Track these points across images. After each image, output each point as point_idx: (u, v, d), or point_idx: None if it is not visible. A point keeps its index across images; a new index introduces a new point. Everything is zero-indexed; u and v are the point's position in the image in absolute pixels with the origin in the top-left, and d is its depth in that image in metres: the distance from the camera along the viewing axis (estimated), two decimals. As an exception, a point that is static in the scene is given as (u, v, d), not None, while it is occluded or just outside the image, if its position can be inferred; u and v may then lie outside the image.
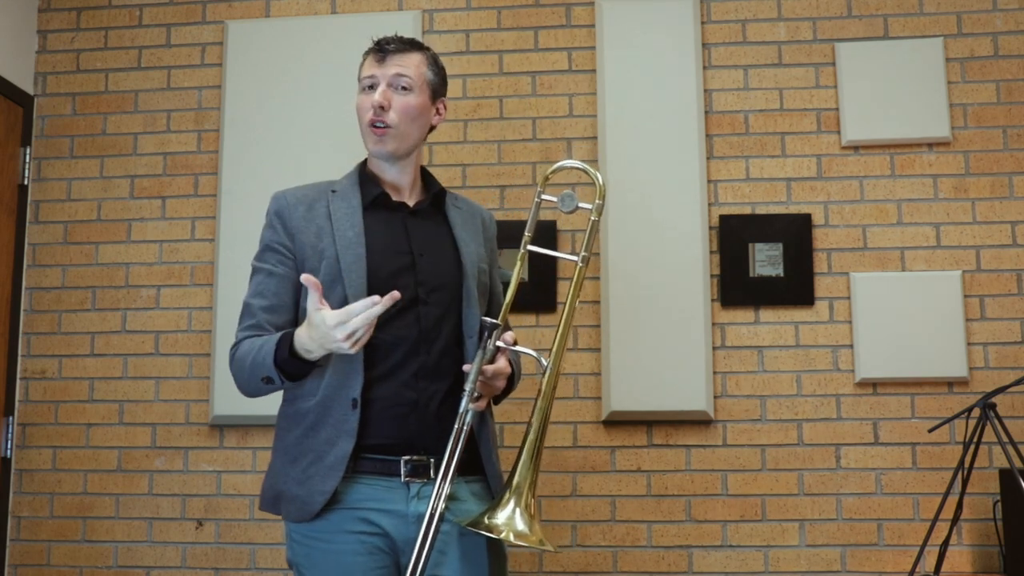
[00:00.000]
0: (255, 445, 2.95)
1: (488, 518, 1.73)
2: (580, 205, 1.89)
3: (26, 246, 3.12)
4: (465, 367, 1.81)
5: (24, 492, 3.01)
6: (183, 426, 2.99)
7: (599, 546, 2.83)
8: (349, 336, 1.63)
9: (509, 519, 1.72)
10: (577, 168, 1.96)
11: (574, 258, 1.91)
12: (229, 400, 2.91)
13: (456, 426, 1.76)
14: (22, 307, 3.10)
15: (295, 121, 3.04)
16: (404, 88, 1.91)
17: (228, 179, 3.04)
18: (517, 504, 1.74)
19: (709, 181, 2.95)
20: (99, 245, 3.11)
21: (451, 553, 1.79)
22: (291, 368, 1.76)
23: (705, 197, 2.91)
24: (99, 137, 3.16)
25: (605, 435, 2.88)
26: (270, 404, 2.81)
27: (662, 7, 3.01)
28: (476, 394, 1.78)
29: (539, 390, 1.82)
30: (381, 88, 1.90)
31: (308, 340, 1.70)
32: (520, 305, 2.03)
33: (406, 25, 3.00)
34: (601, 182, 1.92)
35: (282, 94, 3.06)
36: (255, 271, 1.91)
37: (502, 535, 1.71)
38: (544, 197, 1.95)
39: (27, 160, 3.15)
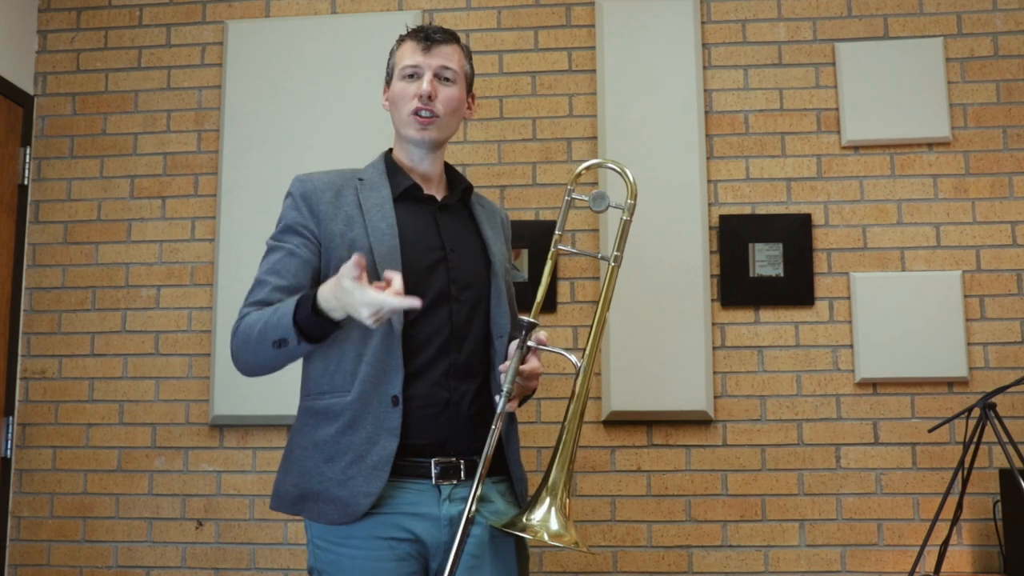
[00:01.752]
0: (255, 445, 2.95)
1: (525, 519, 1.69)
2: (612, 205, 1.83)
3: (26, 246, 3.12)
4: (501, 367, 1.77)
5: (24, 492, 3.01)
6: (183, 426, 2.99)
7: (599, 546, 2.83)
8: (374, 314, 1.55)
9: (544, 519, 1.69)
10: (609, 168, 1.90)
11: (606, 259, 1.87)
12: (229, 400, 2.92)
13: (493, 427, 1.71)
14: (22, 307, 3.10)
15: (295, 121, 3.04)
16: (448, 80, 1.88)
17: (228, 179, 3.04)
18: (552, 504, 1.71)
19: (709, 181, 2.95)
20: (99, 245, 3.11)
21: (485, 557, 1.75)
22: (314, 328, 1.65)
23: (705, 197, 2.91)
24: (99, 137, 3.16)
25: (605, 435, 2.88)
26: (270, 404, 2.85)
27: (662, 7, 3.01)
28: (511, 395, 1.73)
29: (573, 391, 1.79)
30: (428, 77, 1.85)
31: (333, 299, 1.60)
32: (519, 305, 2.01)
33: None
34: (632, 180, 1.87)
35: (282, 94, 3.06)
36: (272, 249, 1.82)
37: (537, 535, 1.68)
38: (575, 196, 1.88)
39: (27, 160, 3.15)
